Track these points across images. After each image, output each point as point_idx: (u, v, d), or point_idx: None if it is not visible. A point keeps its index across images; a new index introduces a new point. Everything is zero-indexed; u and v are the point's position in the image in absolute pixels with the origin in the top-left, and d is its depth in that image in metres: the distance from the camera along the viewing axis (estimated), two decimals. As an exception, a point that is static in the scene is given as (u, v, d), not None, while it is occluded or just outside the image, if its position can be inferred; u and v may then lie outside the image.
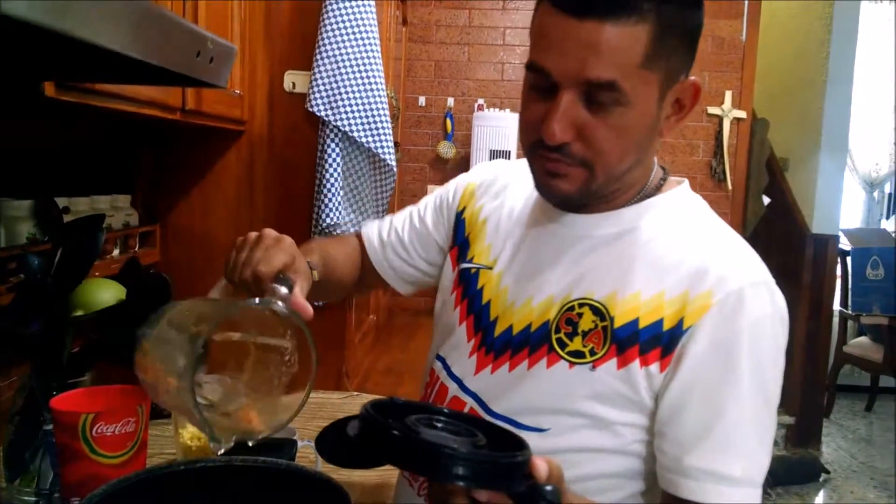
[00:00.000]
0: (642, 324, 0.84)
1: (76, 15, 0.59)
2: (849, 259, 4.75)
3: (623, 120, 0.81)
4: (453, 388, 0.98)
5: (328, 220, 1.68)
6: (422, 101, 3.63)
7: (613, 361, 0.84)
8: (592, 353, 0.85)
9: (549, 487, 0.66)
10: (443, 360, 1.02)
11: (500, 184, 1.09)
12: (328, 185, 1.68)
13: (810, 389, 4.19)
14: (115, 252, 1.58)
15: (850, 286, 4.77)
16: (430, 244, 1.15)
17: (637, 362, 0.83)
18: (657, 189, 0.93)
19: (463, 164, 3.59)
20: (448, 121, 3.61)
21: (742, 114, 3.69)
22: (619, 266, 0.88)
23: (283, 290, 0.83)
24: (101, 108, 1.10)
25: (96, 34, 0.62)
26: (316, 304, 0.89)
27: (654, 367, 0.83)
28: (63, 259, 1.09)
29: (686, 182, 0.97)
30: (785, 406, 4.20)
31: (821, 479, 3.88)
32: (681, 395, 0.83)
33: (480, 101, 3.59)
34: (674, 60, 0.82)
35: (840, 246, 4.42)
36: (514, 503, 0.66)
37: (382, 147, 1.76)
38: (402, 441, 0.65)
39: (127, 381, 1.01)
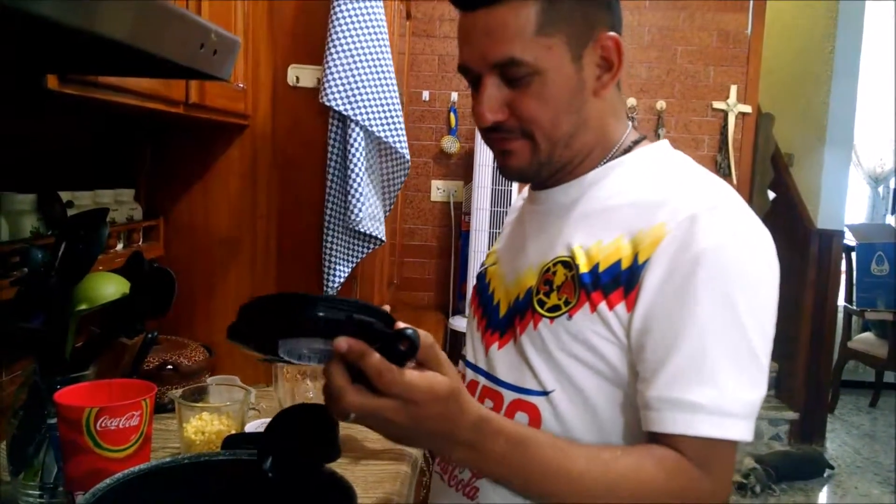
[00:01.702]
0: (602, 267, 0.86)
1: (79, 6, 0.59)
2: (853, 254, 4.74)
3: (542, 88, 0.86)
4: (469, 374, 1.01)
5: (359, 216, 1.67)
6: (425, 95, 3.62)
7: (586, 306, 0.85)
8: (567, 303, 0.87)
9: (409, 330, 0.67)
10: (464, 358, 1.05)
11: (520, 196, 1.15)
12: (356, 180, 1.67)
13: (815, 385, 4.18)
14: (119, 246, 1.57)
15: (854, 282, 4.76)
16: None
17: (604, 304, 0.84)
18: (625, 152, 0.95)
19: (467, 159, 3.59)
20: (452, 115, 3.60)
21: (747, 108, 3.68)
22: (585, 222, 0.91)
23: None
24: (104, 102, 1.10)
25: (99, 25, 0.62)
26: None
27: (621, 307, 0.83)
28: (67, 253, 1.08)
29: (664, 142, 0.97)
30: (789, 401, 4.20)
31: (825, 475, 3.88)
32: (642, 329, 0.82)
33: (484, 95, 3.58)
34: (576, 21, 0.86)
35: (845, 241, 4.41)
36: (377, 350, 0.65)
37: (398, 140, 1.76)
38: (272, 299, 0.68)
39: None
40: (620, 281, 0.84)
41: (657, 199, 0.86)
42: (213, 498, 0.87)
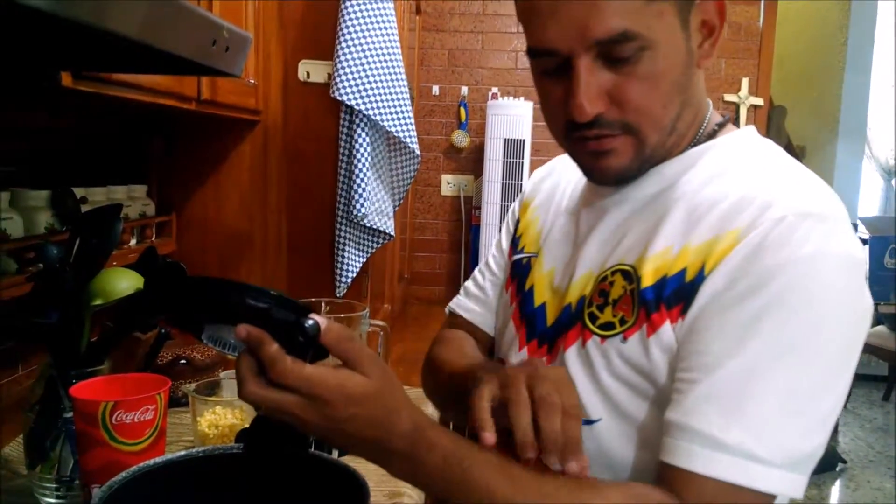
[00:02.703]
0: (667, 279, 0.73)
1: (91, 3, 0.59)
2: (866, 247, 4.71)
3: (654, 65, 0.71)
4: None
5: (361, 211, 1.68)
6: (435, 90, 3.61)
7: (644, 328, 0.73)
8: (623, 322, 0.75)
9: (309, 322, 0.63)
10: (502, 360, 0.95)
11: (557, 173, 1.02)
12: (360, 175, 1.68)
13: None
14: (132, 242, 1.58)
15: (867, 275, 4.72)
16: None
17: (667, 324, 0.71)
18: (710, 137, 0.81)
19: (477, 153, 3.58)
20: (462, 109, 3.60)
21: (759, 101, 3.66)
22: (654, 224, 0.77)
23: None
24: (117, 98, 1.10)
25: (111, 22, 0.62)
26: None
27: (679, 325, 0.71)
28: (81, 249, 1.09)
29: (751, 128, 0.84)
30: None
31: (837, 469, 3.86)
32: (685, 339, 0.70)
33: (494, 89, 3.58)
34: None
35: (858, 234, 4.38)
36: (276, 339, 0.63)
37: (409, 134, 1.77)
38: (193, 281, 0.69)
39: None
40: (682, 295, 0.71)
41: (741, 198, 0.72)
42: (226, 491, 0.87)
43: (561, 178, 1.00)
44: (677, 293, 0.71)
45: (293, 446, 0.76)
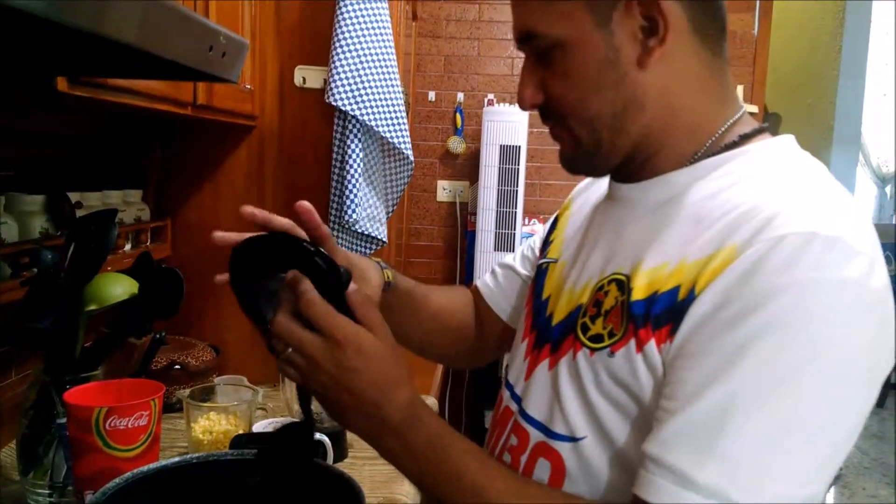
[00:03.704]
0: (658, 295, 0.68)
1: (87, 8, 0.59)
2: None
3: (566, 63, 0.74)
4: (505, 397, 0.87)
5: (352, 216, 1.68)
6: (431, 96, 3.62)
7: (632, 343, 0.69)
8: (612, 334, 0.71)
9: (343, 269, 0.72)
10: (507, 368, 0.93)
11: (601, 180, 0.96)
12: (351, 181, 1.68)
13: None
14: (127, 247, 1.58)
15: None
16: None
17: (653, 343, 0.67)
18: (732, 146, 0.75)
19: (473, 159, 3.58)
20: (458, 116, 3.60)
21: (754, 108, 3.67)
22: (655, 234, 0.73)
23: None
24: (113, 103, 1.10)
25: (107, 27, 0.62)
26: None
27: (667, 345, 0.66)
28: (76, 253, 1.09)
29: (788, 138, 0.77)
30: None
31: (832, 476, 3.86)
32: (670, 364, 0.66)
33: (490, 95, 3.58)
34: None
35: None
36: (314, 283, 0.71)
37: (403, 140, 1.77)
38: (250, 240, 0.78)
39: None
40: (672, 314, 0.66)
41: (749, 210, 0.65)
42: (220, 498, 0.87)
43: (601, 185, 0.93)
44: (668, 312, 0.66)
45: (306, 455, 0.82)
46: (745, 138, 0.75)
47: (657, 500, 0.62)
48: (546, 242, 0.99)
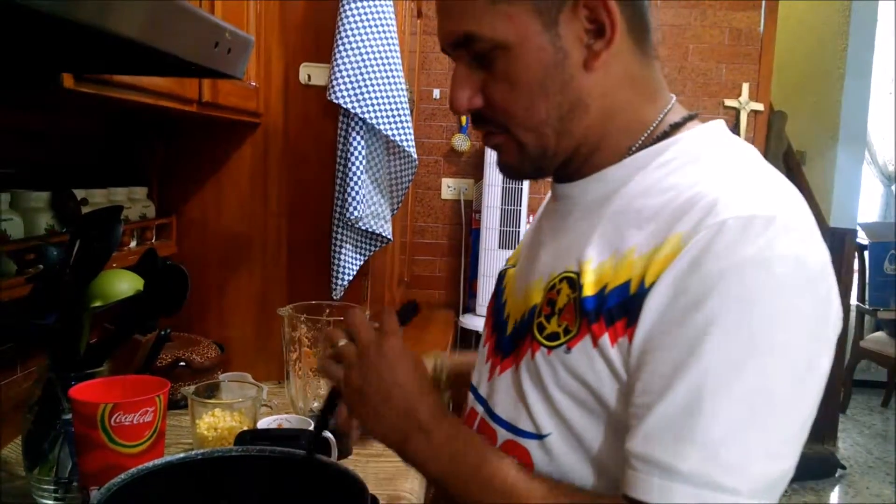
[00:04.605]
0: (609, 289, 0.69)
1: (94, 5, 0.59)
2: (866, 253, 4.71)
3: (510, 66, 0.72)
4: (470, 400, 0.89)
5: (355, 214, 1.68)
6: (436, 93, 3.62)
7: (587, 339, 0.69)
8: (567, 331, 0.72)
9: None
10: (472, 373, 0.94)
11: None
12: (354, 178, 1.68)
13: (826, 384, 4.15)
14: (133, 244, 1.58)
15: (867, 280, 4.73)
16: None
17: (606, 337, 0.68)
18: (663, 136, 0.76)
19: (477, 157, 3.58)
20: (462, 113, 3.60)
21: (759, 106, 3.66)
22: (598, 230, 0.74)
23: None
24: (118, 100, 1.10)
25: (113, 23, 0.62)
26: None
27: (624, 340, 0.67)
28: (81, 250, 1.09)
29: (718, 123, 0.79)
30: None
31: (837, 475, 3.86)
32: (636, 364, 0.66)
33: (495, 93, 3.58)
34: None
35: (858, 240, 4.38)
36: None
37: (406, 139, 1.76)
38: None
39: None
40: (627, 308, 0.67)
41: (689, 199, 0.67)
42: (225, 494, 0.87)
43: None
44: (621, 306, 0.67)
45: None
46: (675, 127, 0.77)
47: (648, 498, 0.63)
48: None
